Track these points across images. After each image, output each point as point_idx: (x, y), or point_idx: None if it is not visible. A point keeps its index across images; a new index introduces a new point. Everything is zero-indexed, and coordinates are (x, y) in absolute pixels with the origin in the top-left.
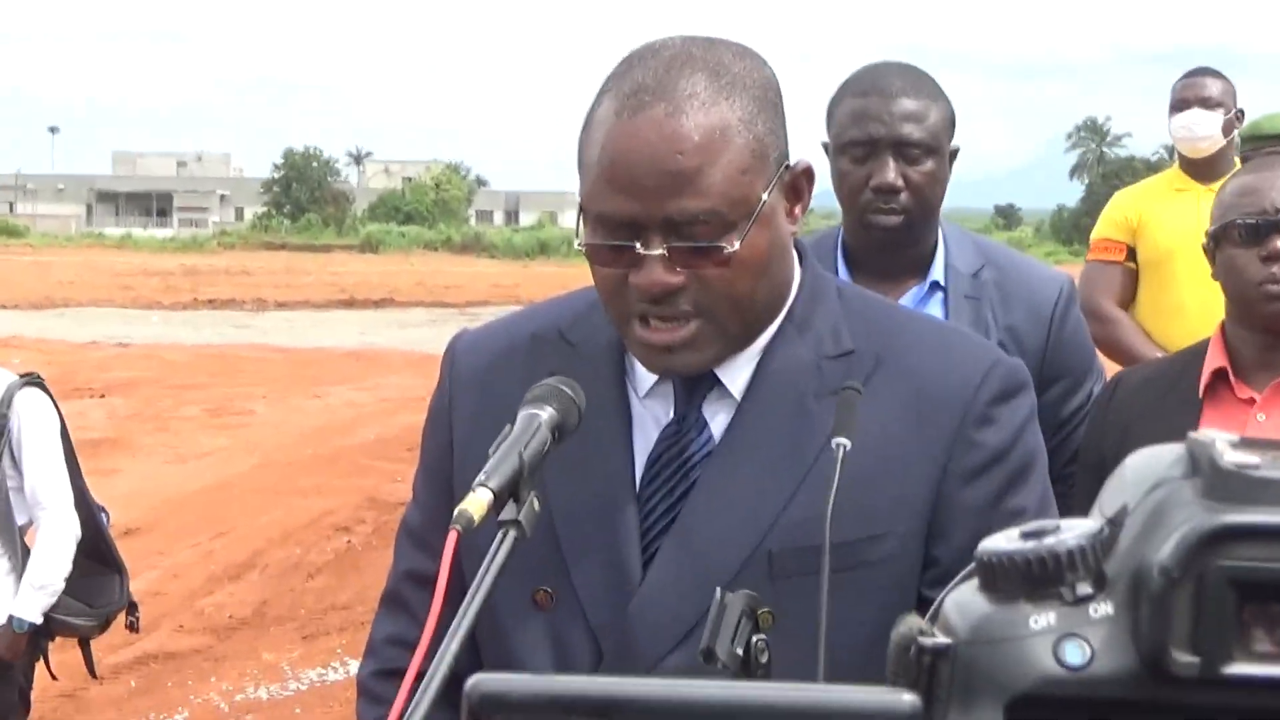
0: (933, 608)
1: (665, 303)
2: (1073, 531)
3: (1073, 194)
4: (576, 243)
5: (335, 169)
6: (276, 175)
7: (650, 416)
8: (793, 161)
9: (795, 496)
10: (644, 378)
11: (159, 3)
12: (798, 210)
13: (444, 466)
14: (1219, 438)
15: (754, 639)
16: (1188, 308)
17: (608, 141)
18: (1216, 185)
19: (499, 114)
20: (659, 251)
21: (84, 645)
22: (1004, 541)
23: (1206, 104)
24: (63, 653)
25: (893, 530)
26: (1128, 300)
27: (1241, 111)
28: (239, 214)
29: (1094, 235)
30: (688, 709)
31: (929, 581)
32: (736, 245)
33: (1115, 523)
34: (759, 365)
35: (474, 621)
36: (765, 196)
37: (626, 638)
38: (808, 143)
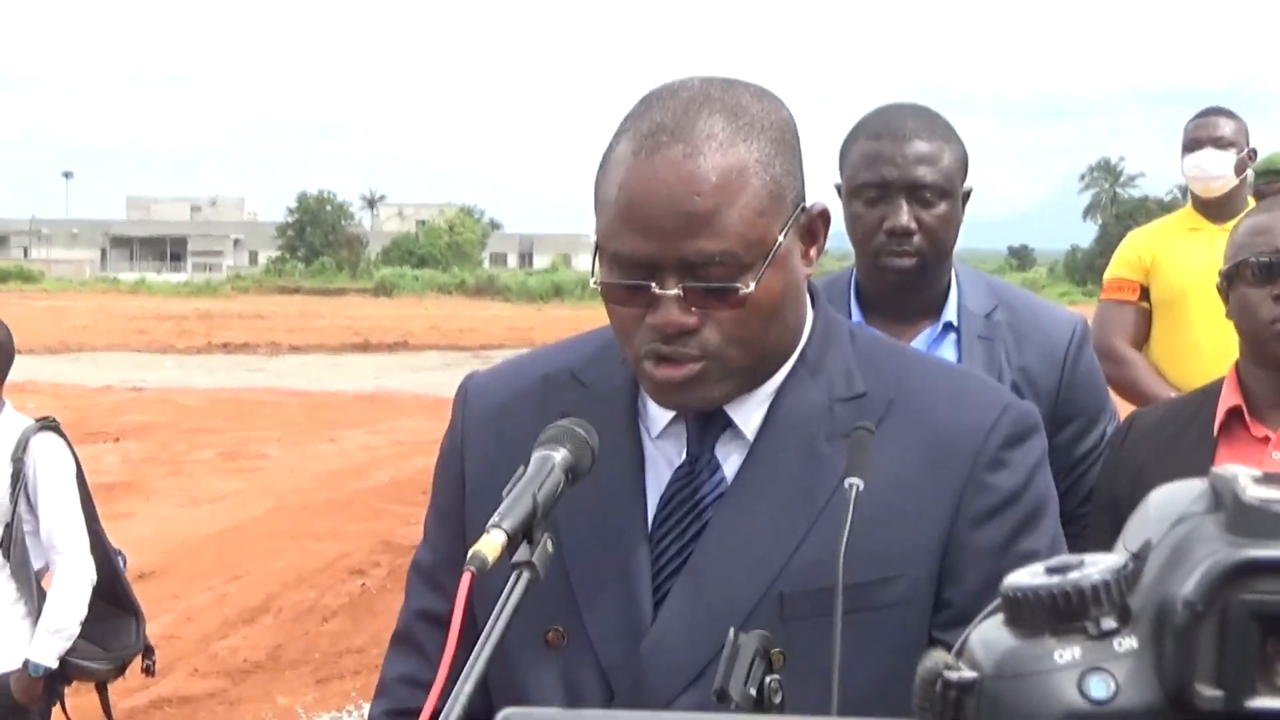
0: (959, 643)
1: (678, 343)
2: (1097, 566)
3: (1086, 234)
4: (592, 281)
5: (349, 212)
6: (290, 219)
7: (663, 457)
8: (809, 204)
9: (807, 538)
10: (657, 418)
11: (172, 47)
12: (813, 252)
13: (456, 507)
14: (1241, 473)
15: (767, 679)
16: (1202, 347)
17: (625, 181)
18: (1229, 224)
19: (513, 157)
20: (674, 292)
21: (100, 689)
22: (1029, 576)
23: (1219, 143)
24: (78, 697)
25: (905, 573)
26: (1141, 340)
27: (1254, 151)
28: (253, 258)
29: (1107, 275)
30: None
31: (941, 624)
32: (752, 286)
33: (1139, 557)
34: (771, 407)
35: (488, 662)
36: (781, 238)
37: (638, 678)
38: (827, 186)
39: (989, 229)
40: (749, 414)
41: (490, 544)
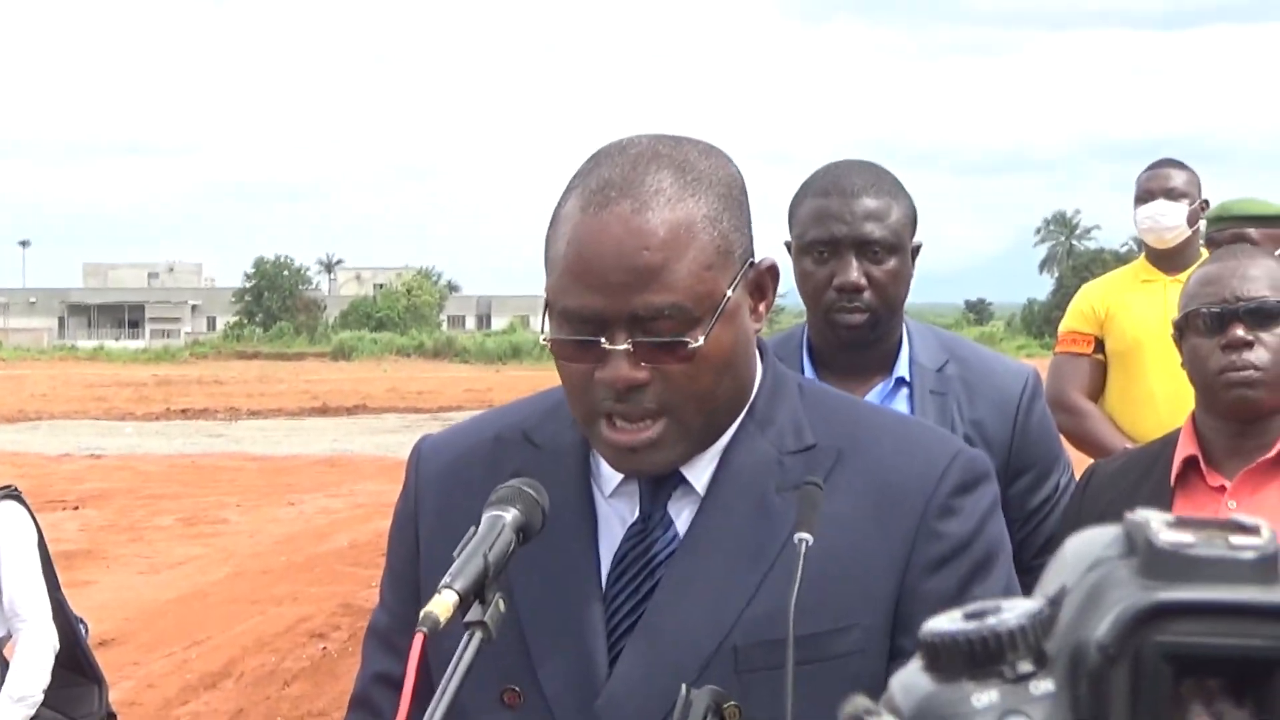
0: (886, 691)
1: (630, 400)
2: (1013, 611)
3: (1043, 287)
4: (542, 338)
5: (306, 277)
6: (248, 284)
7: (615, 515)
8: (758, 259)
9: (760, 590)
10: (609, 477)
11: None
12: (762, 308)
13: (410, 569)
14: (1154, 518)
15: None
16: (1157, 397)
17: (574, 237)
18: (1183, 275)
19: (470, 220)
20: (624, 346)
21: None
22: (946, 622)
23: (1171, 195)
24: None
25: (858, 622)
26: (1096, 391)
27: (1206, 201)
28: (211, 323)
29: (1061, 327)
30: None
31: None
32: (701, 340)
33: (1055, 602)
34: (721, 461)
35: None
36: (730, 293)
37: None
38: (780, 243)
39: (945, 283)
40: (700, 469)
41: (442, 604)
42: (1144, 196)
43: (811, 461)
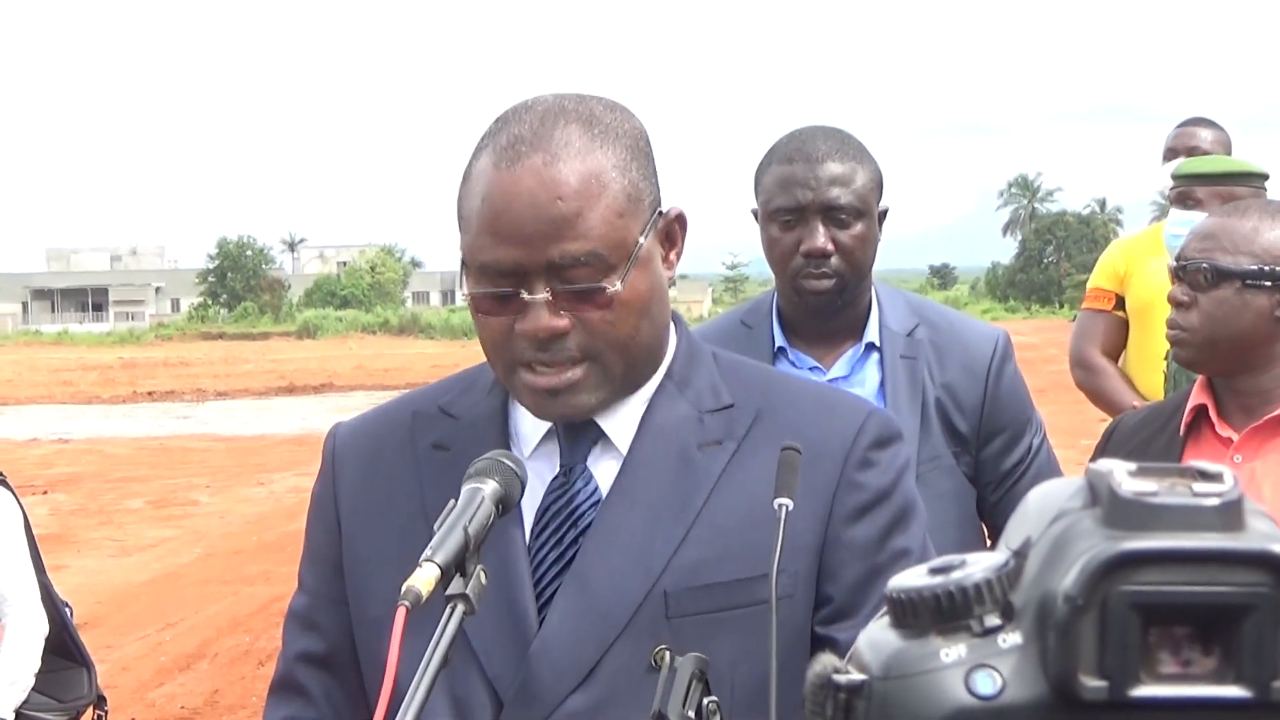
0: (853, 648)
1: (552, 349)
2: (979, 565)
3: (1007, 251)
4: (460, 293)
5: (270, 256)
6: (211, 265)
7: (536, 476)
8: (665, 208)
9: (686, 539)
10: (528, 438)
11: (86, 96)
12: (673, 256)
13: (330, 549)
14: (1117, 467)
15: (705, 701)
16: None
17: (488, 193)
18: None
19: (432, 196)
20: (543, 296)
21: None
22: (913, 578)
23: (1193, 153)
24: None
25: (785, 569)
26: (1118, 348)
27: None
28: (175, 305)
29: (1089, 284)
30: None
31: (821, 620)
32: (619, 286)
33: (1020, 555)
34: (643, 419)
35: (426, 693)
36: (642, 240)
37: (527, 684)
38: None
39: (909, 247)
40: (620, 426)
41: (423, 578)
42: (1167, 155)
43: (731, 420)
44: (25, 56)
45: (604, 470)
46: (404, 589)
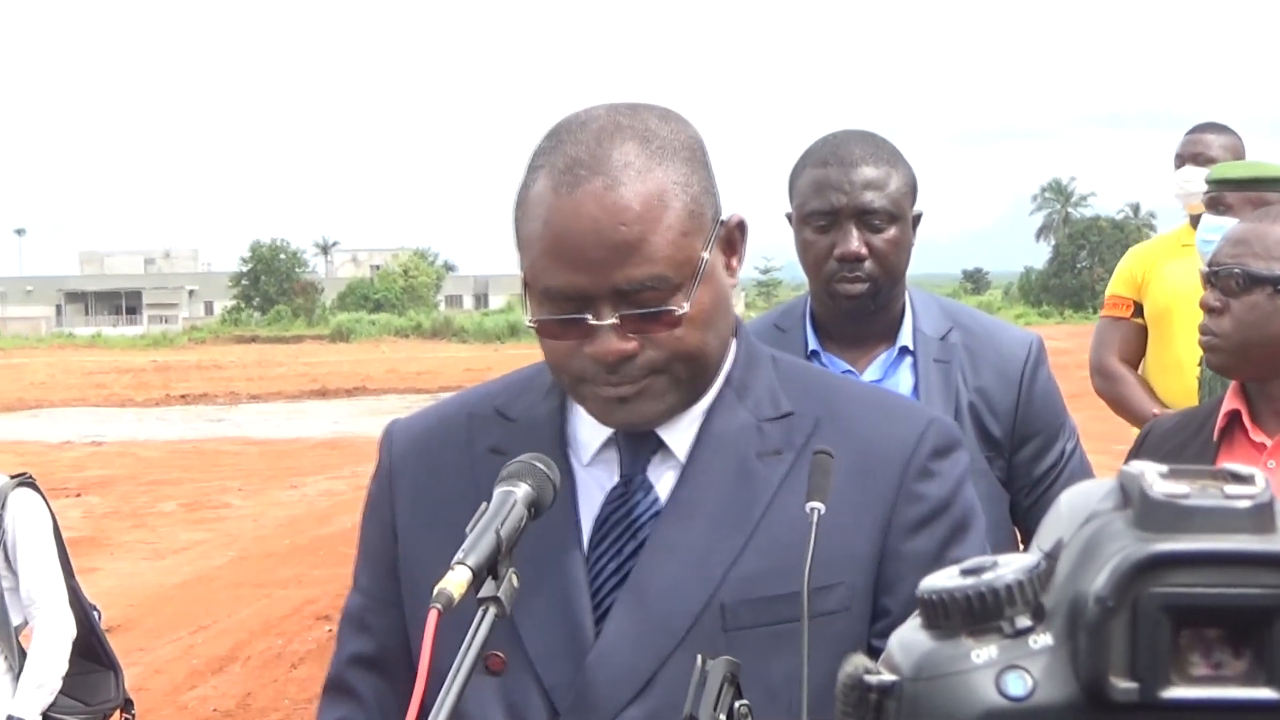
0: (885, 649)
1: (620, 370)
2: (1010, 566)
3: (1040, 255)
4: (527, 320)
5: (303, 260)
6: (244, 268)
7: (595, 483)
8: (725, 216)
9: (745, 551)
10: (586, 446)
11: (120, 99)
12: (734, 262)
13: (386, 550)
14: (1149, 469)
15: (736, 705)
16: (1184, 365)
17: (550, 218)
18: None
19: (466, 199)
20: (611, 321)
21: None
22: (944, 579)
23: (1198, 160)
24: None
25: (843, 580)
26: (1137, 356)
27: None
28: (208, 308)
29: (1106, 291)
30: None
31: (879, 632)
32: (686, 307)
33: (1051, 556)
34: (702, 428)
35: (458, 696)
36: (706, 254)
37: (583, 694)
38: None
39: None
40: (679, 435)
41: (455, 581)
42: (1177, 161)
43: (790, 428)
44: (60, 61)
45: (664, 480)
46: (436, 592)
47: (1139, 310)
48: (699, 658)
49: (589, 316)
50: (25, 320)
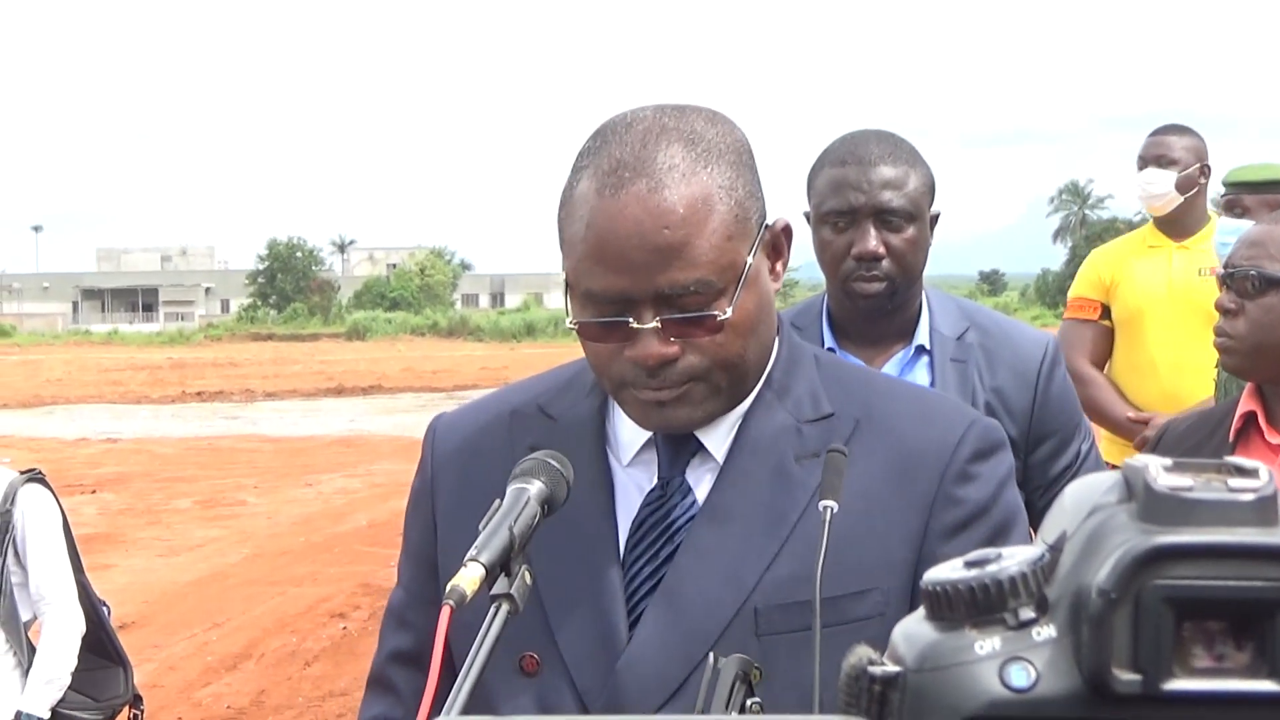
0: (890, 641)
1: (662, 374)
2: (1014, 558)
3: (1057, 257)
4: (568, 321)
5: (319, 258)
6: (261, 266)
7: (633, 484)
8: (771, 221)
9: (780, 555)
10: (626, 446)
11: (138, 97)
12: (779, 268)
13: (427, 546)
14: (1153, 462)
15: (749, 703)
16: (1159, 366)
17: (593, 219)
18: (1188, 242)
19: (482, 198)
20: (653, 325)
21: None
22: (948, 571)
23: (1160, 162)
24: None
25: (878, 586)
26: (1104, 358)
27: (1207, 166)
28: (225, 306)
29: (1070, 294)
30: None
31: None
32: (729, 312)
33: (1055, 548)
34: (740, 430)
35: (469, 694)
36: (750, 259)
37: (614, 699)
38: (797, 213)
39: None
40: (718, 437)
41: (468, 578)
42: (1139, 163)
43: (830, 430)
44: (78, 59)
45: (702, 482)
46: (449, 588)
47: (1106, 312)
48: (711, 656)
49: (631, 320)
50: (42, 317)
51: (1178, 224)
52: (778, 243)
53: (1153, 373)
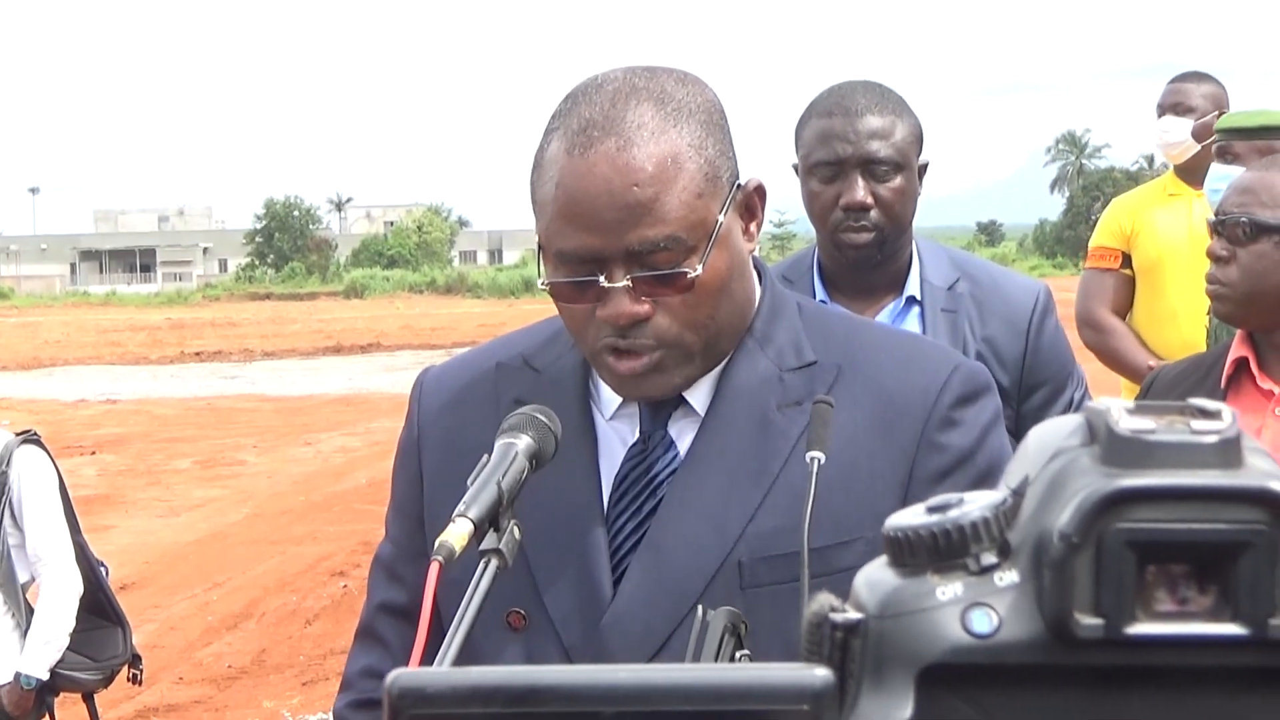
0: (852, 588)
1: (633, 334)
2: (976, 503)
3: (1054, 207)
4: (540, 282)
5: (317, 216)
6: (258, 225)
7: (617, 437)
8: (744, 180)
9: (763, 506)
10: (609, 400)
11: (133, 57)
12: (753, 228)
13: (414, 500)
14: (1114, 405)
15: (737, 655)
16: (1179, 315)
17: (562, 179)
18: None
19: (479, 154)
20: (623, 283)
21: (88, 700)
22: (910, 517)
23: (1177, 110)
24: (65, 709)
25: (862, 535)
26: (1125, 307)
27: (1224, 114)
28: (223, 266)
29: (1091, 243)
30: (603, 692)
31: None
32: (699, 269)
33: (1017, 493)
34: (721, 380)
35: (459, 649)
36: (721, 218)
37: (600, 655)
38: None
39: (957, 204)
40: (701, 391)
41: (457, 533)
42: (1158, 111)
43: (812, 378)
44: (74, 20)
45: (685, 434)
46: (437, 544)
47: (1126, 261)
48: (700, 609)
49: (601, 278)
50: (40, 279)
51: (1197, 172)
52: (751, 202)
53: (1173, 321)
